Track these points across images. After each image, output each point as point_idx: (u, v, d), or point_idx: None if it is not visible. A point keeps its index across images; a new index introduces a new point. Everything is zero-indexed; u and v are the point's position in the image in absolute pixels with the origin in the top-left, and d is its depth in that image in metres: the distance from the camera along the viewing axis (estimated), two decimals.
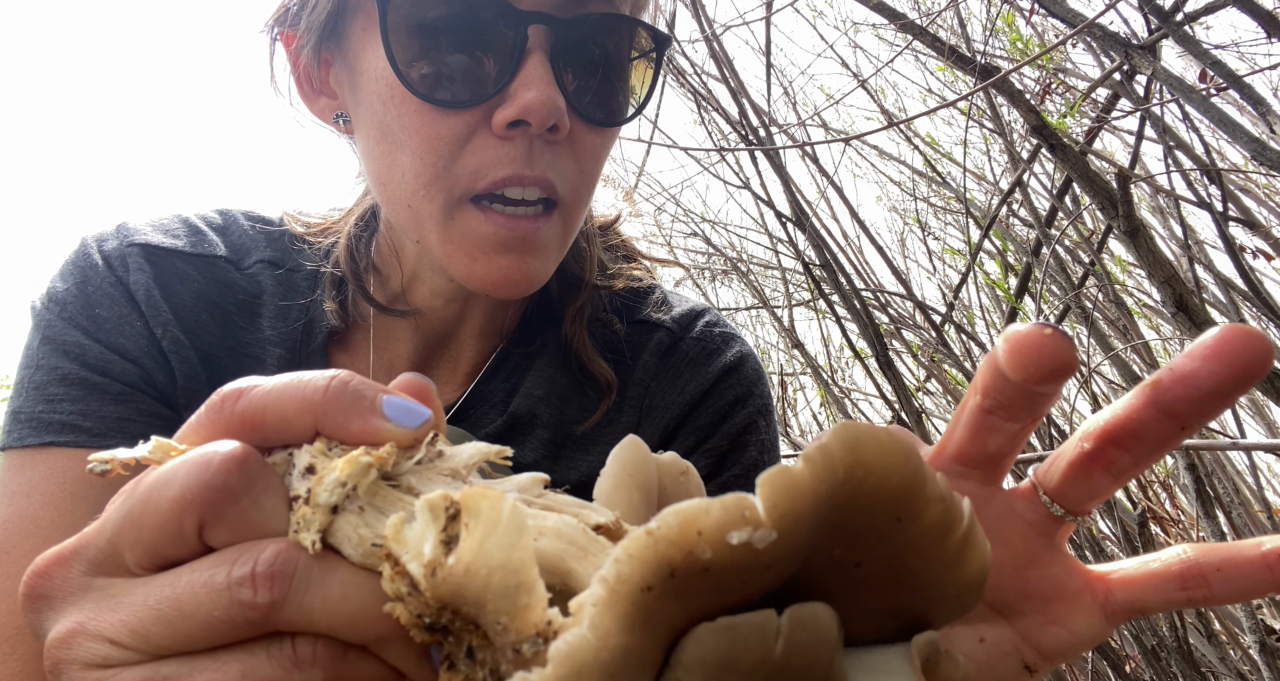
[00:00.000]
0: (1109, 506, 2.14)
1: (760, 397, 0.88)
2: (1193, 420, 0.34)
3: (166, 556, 0.31)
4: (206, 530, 0.30)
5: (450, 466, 0.34)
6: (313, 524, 0.30)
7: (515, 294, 0.71)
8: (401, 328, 0.84)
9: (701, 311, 0.91)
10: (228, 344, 0.79)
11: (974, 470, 0.41)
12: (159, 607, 0.30)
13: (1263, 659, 1.72)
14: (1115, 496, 2.30)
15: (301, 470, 0.32)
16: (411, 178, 0.68)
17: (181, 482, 0.30)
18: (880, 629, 0.30)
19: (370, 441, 0.32)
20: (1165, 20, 1.52)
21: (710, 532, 0.23)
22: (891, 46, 3.14)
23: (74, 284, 0.75)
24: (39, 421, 0.69)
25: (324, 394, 0.33)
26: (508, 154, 0.66)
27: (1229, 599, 0.37)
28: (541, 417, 0.83)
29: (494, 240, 0.68)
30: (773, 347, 3.99)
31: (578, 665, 0.23)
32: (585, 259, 0.87)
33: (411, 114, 0.66)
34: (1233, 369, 0.32)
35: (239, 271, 0.81)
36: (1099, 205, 1.49)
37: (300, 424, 0.33)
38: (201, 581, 0.30)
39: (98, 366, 0.72)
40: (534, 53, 0.65)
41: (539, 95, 0.64)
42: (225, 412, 0.33)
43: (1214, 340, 0.32)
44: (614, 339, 0.87)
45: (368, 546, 0.30)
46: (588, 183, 0.74)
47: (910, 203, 3.65)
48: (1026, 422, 0.38)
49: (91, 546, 0.32)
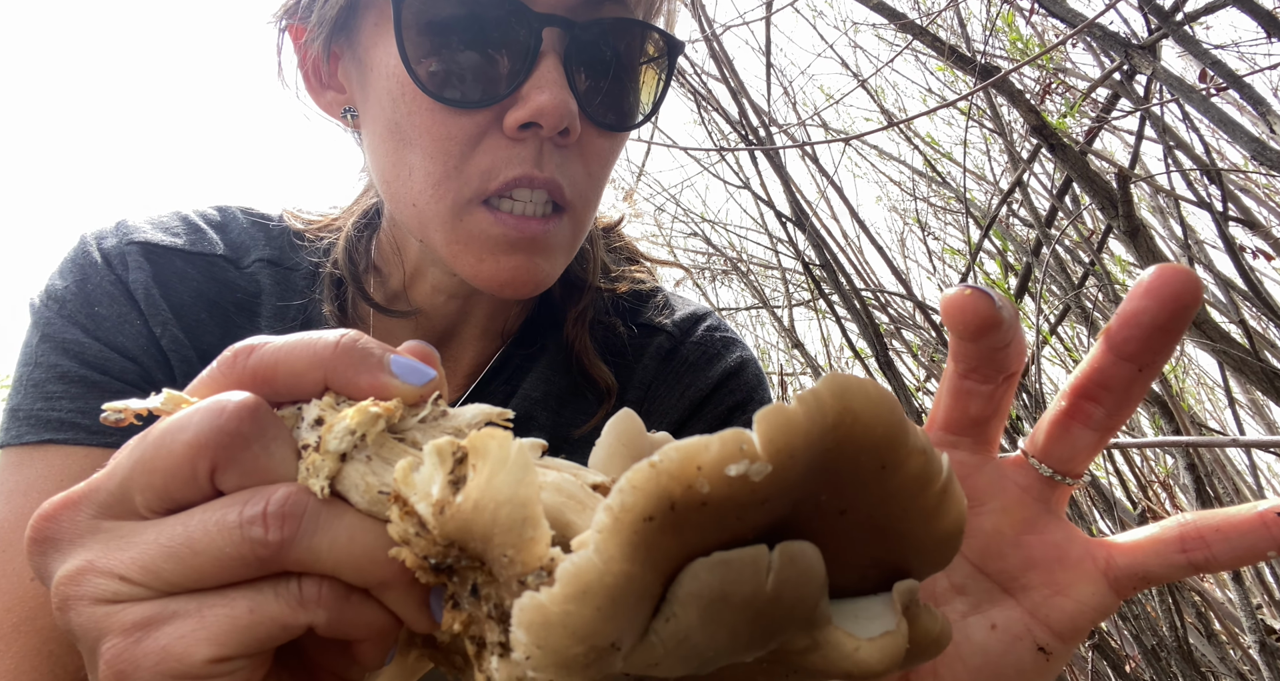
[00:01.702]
0: (1109, 506, 2.14)
1: (761, 403, 0.88)
2: (1144, 359, 0.37)
3: (177, 499, 0.32)
4: (218, 474, 0.32)
5: (453, 425, 0.35)
6: (322, 470, 0.31)
7: (522, 294, 0.71)
8: (402, 327, 0.84)
9: (703, 315, 0.91)
10: (227, 342, 0.78)
11: (963, 438, 0.43)
12: (170, 545, 0.31)
13: (1263, 659, 1.72)
14: (1115, 496, 2.30)
15: (310, 421, 0.33)
16: (421, 176, 0.68)
17: (196, 427, 0.31)
18: (863, 579, 0.32)
19: (377, 396, 0.34)
20: (1165, 20, 1.52)
21: (709, 466, 0.24)
22: (891, 46, 3.14)
23: (73, 282, 0.75)
24: (37, 419, 0.69)
25: (334, 350, 0.34)
26: (518, 155, 0.66)
27: (1229, 561, 0.38)
28: (538, 420, 0.83)
29: (503, 241, 0.68)
30: (773, 348, 3.99)
31: (584, 585, 0.24)
32: (589, 261, 0.87)
33: (423, 112, 0.66)
34: (1165, 303, 0.35)
35: (238, 270, 0.81)
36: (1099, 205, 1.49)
37: (310, 378, 0.34)
38: (214, 520, 0.31)
39: (96, 364, 0.72)
40: (548, 55, 0.65)
41: (552, 98, 0.64)
42: (237, 367, 0.34)
43: (1148, 280, 0.35)
44: (616, 341, 0.87)
45: (374, 494, 0.31)
46: (595, 187, 0.74)
47: (910, 203, 3.65)
48: (998, 382, 0.41)
49: (101, 490, 0.33)
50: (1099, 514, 2.24)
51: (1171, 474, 2.81)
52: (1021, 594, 0.42)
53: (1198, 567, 0.38)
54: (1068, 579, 0.41)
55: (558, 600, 0.24)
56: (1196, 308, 0.35)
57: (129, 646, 0.30)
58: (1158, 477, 2.82)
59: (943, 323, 0.38)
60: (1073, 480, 0.42)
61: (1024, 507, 0.42)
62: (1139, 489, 2.62)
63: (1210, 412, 3.86)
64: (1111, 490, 2.37)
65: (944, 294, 0.38)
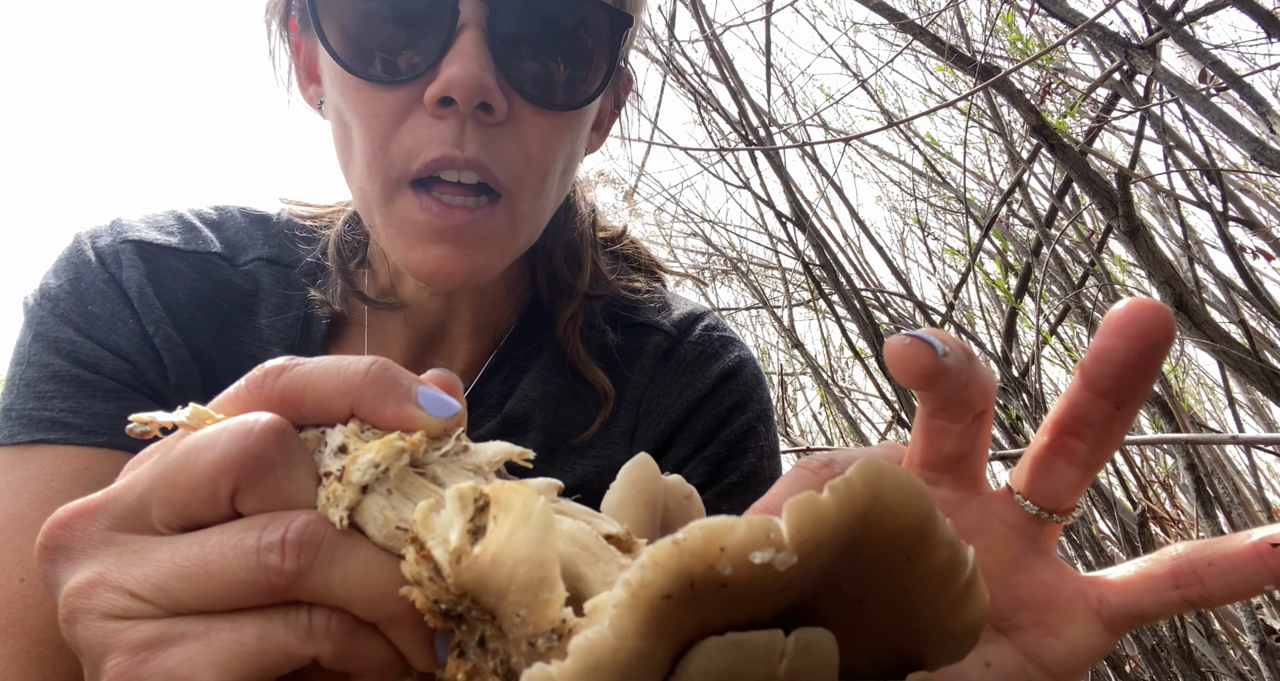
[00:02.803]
0: (1109, 506, 2.14)
1: (759, 403, 0.87)
2: (1120, 396, 0.35)
3: (195, 517, 0.32)
4: (239, 495, 0.31)
5: (474, 461, 0.35)
6: (342, 500, 0.31)
7: (453, 286, 0.69)
8: (394, 324, 0.84)
9: (700, 315, 0.90)
10: (222, 341, 0.78)
11: (943, 475, 0.41)
12: (184, 565, 0.31)
13: (1263, 659, 1.72)
14: (1115, 496, 2.30)
15: (333, 449, 0.33)
16: (359, 157, 0.68)
17: (223, 447, 0.31)
18: (875, 664, 0.31)
19: (402, 428, 0.34)
20: (1165, 20, 1.52)
21: (733, 550, 0.24)
22: (891, 46, 3.14)
23: (67, 280, 0.74)
24: (29, 418, 0.69)
25: (363, 378, 0.34)
26: (439, 133, 0.65)
27: (1225, 596, 0.36)
28: (536, 420, 0.83)
29: (428, 229, 0.67)
30: (773, 348, 3.99)
31: (595, 662, 0.24)
32: (581, 269, 0.87)
33: (352, 91, 0.66)
34: (1134, 341, 0.33)
35: (234, 268, 0.81)
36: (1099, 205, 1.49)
37: (338, 404, 0.34)
38: (231, 543, 0.30)
39: (89, 363, 0.71)
40: (467, 28, 0.63)
41: (461, 70, 0.62)
42: (265, 387, 0.34)
43: (1117, 315, 0.34)
44: (613, 344, 0.86)
45: (391, 529, 0.31)
46: (536, 169, 0.70)
47: (910, 203, 3.65)
48: (968, 421, 0.39)
49: (118, 502, 0.33)
50: (1099, 514, 2.24)
51: (1171, 473, 2.81)
52: (1014, 633, 0.40)
53: (1193, 604, 0.37)
54: (1059, 620, 0.39)
55: (568, 675, 0.24)
56: (1169, 344, 0.34)
57: (134, 665, 0.30)
58: (1158, 477, 2.82)
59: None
60: (1060, 517, 0.40)
61: (1010, 546, 0.40)
62: (1139, 488, 2.62)
63: (1210, 412, 3.86)
64: (1111, 490, 2.37)
65: (887, 341, 0.36)
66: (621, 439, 0.84)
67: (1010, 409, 2.11)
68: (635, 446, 0.84)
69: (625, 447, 0.84)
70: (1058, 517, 0.40)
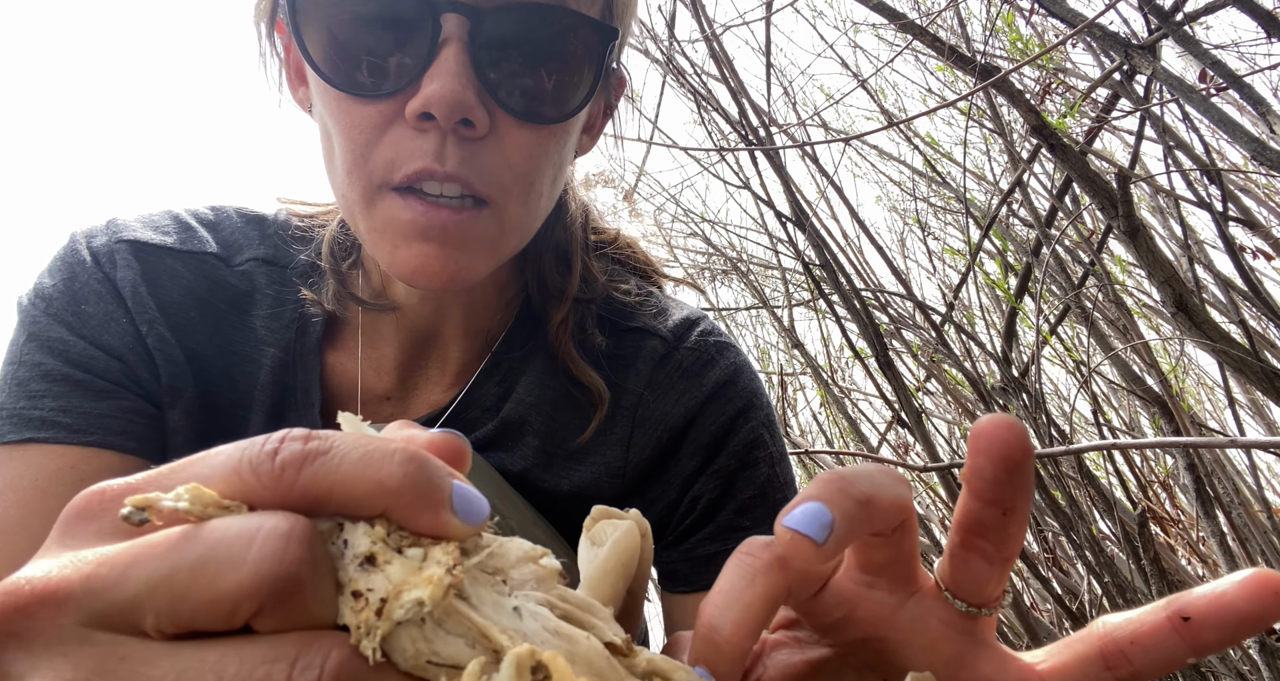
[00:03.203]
0: (1109, 506, 2.14)
1: (762, 409, 0.87)
2: (1004, 505, 0.37)
3: (197, 629, 0.27)
4: (260, 616, 0.27)
5: (495, 565, 0.33)
6: (376, 632, 0.28)
7: (436, 286, 0.69)
8: (387, 326, 0.84)
9: (697, 320, 0.90)
10: (216, 341, 0.79)
11: (879, 578, 0.41)
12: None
13: (1263, 659, 1.72)
14: (1115, 497, 2.30)
15: (358, 557, 0.29)
16: (340, 165, 0.68)
17: (253, 567, 0.26)
18: None
19: (433, 536, 0.31)
20: (1165, 20, 1.52)
21: None
22: (891, 46, 3.14)
23: (61, 280, 0.75)
24: (20, 417, 0.69)
25: (400, 481, 0.30)
26: (420, 147, 0.65)
27: (1154, 672, 0.36)
28: (532, 425, 0.83)
29: (413, 228, 0.66)
30: (773, 348, 3.99)
31: None
32: (572, 273, 0.86)
33: (333, 102, 0.66)
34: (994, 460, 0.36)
35: (230, 268, 0.81)
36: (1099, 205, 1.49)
37: (369, 507, 0.30)
38: (258, 676, 0.26)
39: (81, 363, 0.72)
40: (449, 43, 0.63)
41: (442, 87, 0.62)
42: (284, 482, 0.29)
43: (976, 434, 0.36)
44: (607, 348, 0.86)
45: (422, 662, 0.29)
46: (522, 181, 0.70)
47: (910, 203, 3.65)
48: (889, 535, 0.39)
49: (99, 597, 0.27)
50: (1099, 514, 2.24)
51: (1171, 474, 2.81)
52: None
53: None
54: None
55: None
56: (1028, 458, 0.36)
57: None
58: (1158, 477, 2.81)
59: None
60: (989, 610, 0.40)
61: (950, 643, 0.41)
62: (1139, 488, 2.62)
63: (1210, 412, 3.86)
64: (1111, 490, 2.37)
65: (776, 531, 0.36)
66: (618, 445, 0.83)
67: (1010, 409, 2.10)
68: (632, 453, 0.83)
69: (622, 454, 0.83)
70: (986, 611, 0.40)
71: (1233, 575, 0.34)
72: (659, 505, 0.85)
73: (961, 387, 2.50)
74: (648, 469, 0.84)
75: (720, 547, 0.83)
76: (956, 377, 2.53)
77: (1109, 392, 3.26)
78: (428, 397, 0.86)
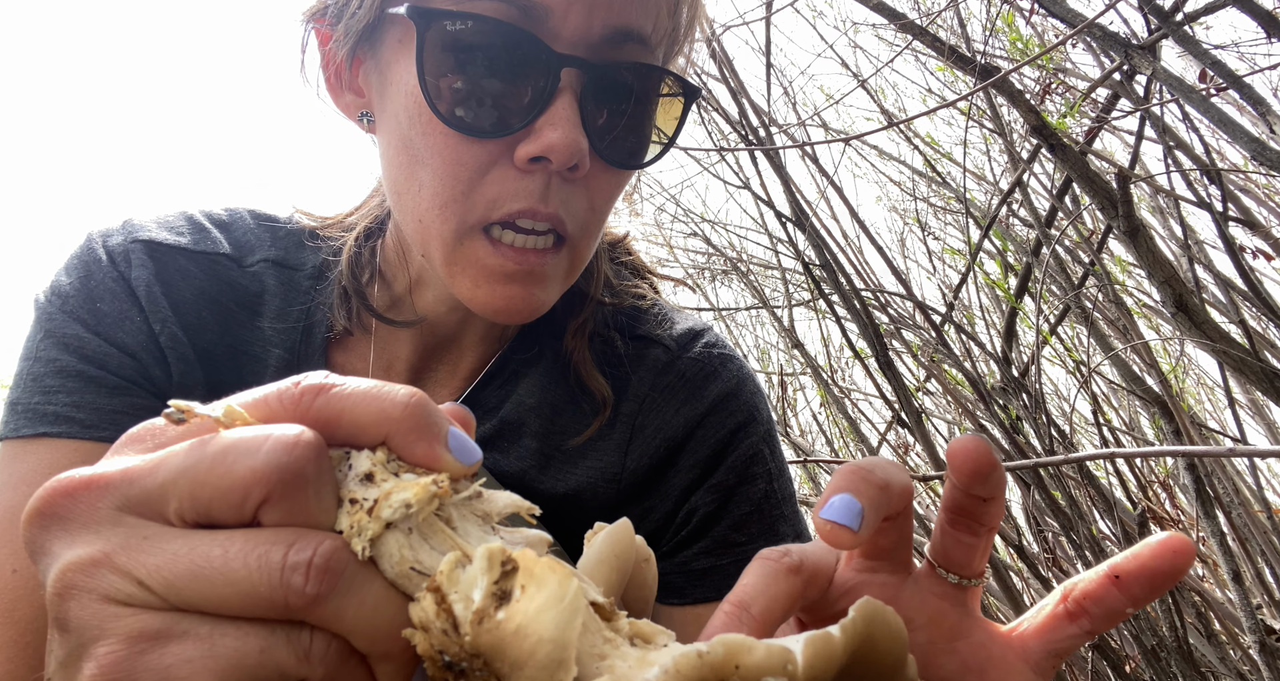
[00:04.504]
0: (1109, 506, 2.14)
1: (762, 424, 0.87)
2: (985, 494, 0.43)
3: (212, 517, 0.31)
4: (266, 506, 0.31)
5: (484, 509, 0.36)
6: (367, 532, 0.32)
7: (517, 321, 0.72)
8: (404, 330, 0.84)
9: (701, 331, 0.90)
10: (226, 341, 0.79)
11: (882, 563, 0.47)
12: (201, 564, 0.30)
13: (1263, 659, 1.72)
14: (1115, 497, 2.30)
15: (359, 474, 0.33)
16: (429, 195, 0.69)
17: (264, 457, 0.31)
18: None
19: (428, 466, 0.34)
20: (1165, 20, 1.52)
21: (748, 669, 0.27)
22: (891, 46, 3.14)
23: (77, 278, 0.76)
24: (34, 412, 0.70)
25: (401, 411, 0.34)
26: (526, 187, 0.67)
27: (1106, 623, 0.43)
28: (530, 427, 0.83)
29: (500, 271, 0.69)
30: (773, 348, 3.99)
31: None
32: (593, 275, 0.87)
33: (436, 135, 0.67)
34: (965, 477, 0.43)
35: (241, 269, 0.82)
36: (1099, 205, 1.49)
37: (371, 433, 0.34)
38: (255, 554, 0.30)
39: (95, 359, 0.72)
40: (564, 93, 0.66)
41: (564, 137, 0.65)
42: (303, 404, 0.34)
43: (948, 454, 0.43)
44: (613, 353, 0.86)
45: (405, 568, 0.32)
46: (598, 219, 0.75)
47: (910, 203, 3.65)
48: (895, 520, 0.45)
49: (134, 484, 0.32)
50: (1099, 514, 2.24)
51: (1171, 474, 2.81)
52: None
53: (1090, 633, 0.44)
54: (1000, 675, 0.45)
55: None
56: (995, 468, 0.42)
57: (131, 656, 0.29)
58: (1158, 477, 2.82)
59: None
60: (976, 580, 0.47)
61: (947, 616, 0.46)
62: (1139, 489, 2.62)
63: (1210, 413, 3.86)
64: (1111, 490, 2.37)
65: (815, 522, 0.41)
66: (616, 450, 0.84)
67: (1010, 409, 2.11)
68: (629, 459, 0.83)
69: (619, 460, 0.83)
70: (974, 582, 0.47)
71: (1151, 538, 0.42)
72: (655, 515, 0.85)
73: (961, 387, 2.50)
74: (645, 477, 0.84)
75: (715, 562, 0.83)
76: (956, 377, 2.53)
77: (1109, 393, 3.26)
78: (433, 398, 0.85)
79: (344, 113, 0.79)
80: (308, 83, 0.79)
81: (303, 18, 0.76)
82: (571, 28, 0.65)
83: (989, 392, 2.14)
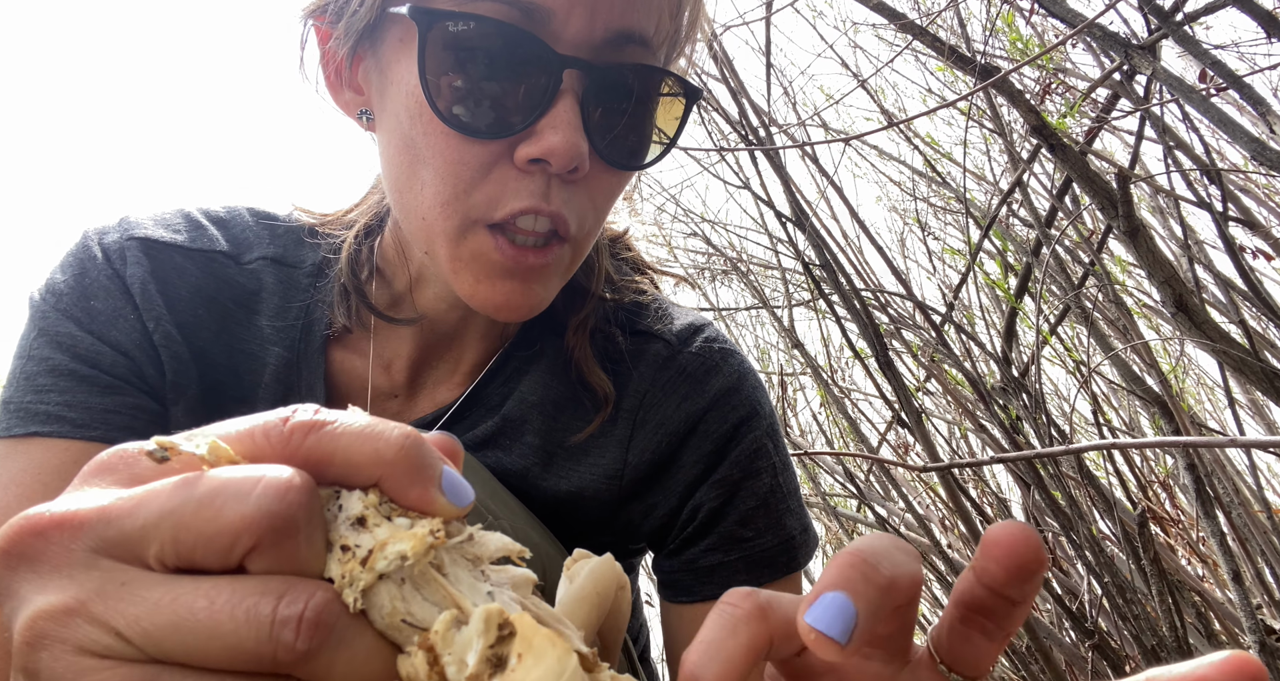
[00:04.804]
0: (1109, 506, 2.14)
1: (765, 418, 0.87)
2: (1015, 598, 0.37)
3: (195, 563, 0.30)
4: (254, 554, 0.29)
5: (475, 552, 0.35)
6: (359, 583, 0.30)
7: (516, 317, 0.72)
8: (404, 328, 0.84)
9: (702, 326, 0.90)
10: (223, 339, 0.79)
11: (877, 650, 0.41)
12: (184, 615, 0.28)
13: (1263, 659, 1.72)
14: (1115, 497, 2.30)
15: (350, 518, 0.32)
16: (430, 193, 0.69)
17: (255, 504, 0.29)
18: None
19: (421, 510, 0.33)
20: (1165, 20, 1.52)
21: None
22: (891, 46, 3.14)
23: (72, 276, 0.75)
24: (25, 411, 0.70)
25: (396, 453, 0.33)
26: (526, 187, 0.68)
27: None
28: (532, 424, 0.83)
29: (501, 268, 0.70)
30: (773, 348, 3.99)
31: None
32: (594, 271, 0.87)
33: (437, 135, 0.67)
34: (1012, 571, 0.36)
35: (238, 266, 0.81)
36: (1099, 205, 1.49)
37: (364, 475, 0.33)
38: (244, 607, 0.28)
39: (88, 358, 0.72)
40: (565, 95, 0.66)
41: (565, 139, 0.65)
42: (292, 444, 0.32)
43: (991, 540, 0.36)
44: (614, 348, 0.86)
45: (396, 620, 0.31)
46: (599, 219, 0.76)
47: (910, 203, 3.65)
48: (900, 609, 0.39)
49: (111, 525, 0.30)
50: (1099, 514, 2.24)
51: (1171, 473, 2.81)
52: None
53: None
54: None
55: None
56: (1042, 567, 0.36)
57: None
58: (1158, 477, 2.82)
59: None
60: (980, 680, 0.41)
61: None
62: (1139, 489, 2.62)
63: (1210, 412, 3.86)
64: (1111, 490, 2.37)
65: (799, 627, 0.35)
66: (618, 447, 0.84)
67: (1010, 409, 2.11)
68: (631, 456, 0.83)
69: (621, 456, 0.83)
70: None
71: (1213, 655, 0.34)
72: (659, 511, 0.85)
73: (961, 387, 2.50)
74: (647, 473, 0.84)
75: (722, 558, 0.83)
76: (956, 377, 2.53)
77: (1109, 392, 3.26)
78: (434, 396, 0.86)
79: (343, 110, 0.79)
80: (306, 79, 0.79)
81: (302, 14, 0.76)
82: (573, 30, 0.65)
83: (989, 392, 2.14)
